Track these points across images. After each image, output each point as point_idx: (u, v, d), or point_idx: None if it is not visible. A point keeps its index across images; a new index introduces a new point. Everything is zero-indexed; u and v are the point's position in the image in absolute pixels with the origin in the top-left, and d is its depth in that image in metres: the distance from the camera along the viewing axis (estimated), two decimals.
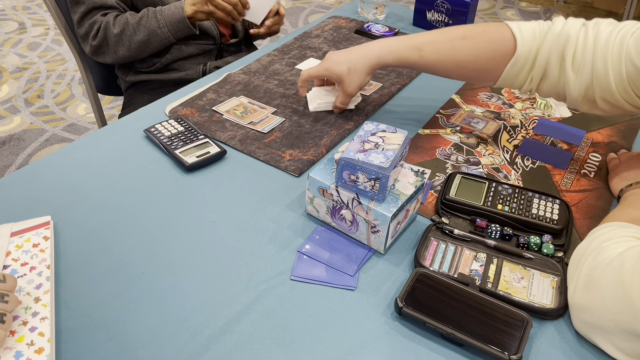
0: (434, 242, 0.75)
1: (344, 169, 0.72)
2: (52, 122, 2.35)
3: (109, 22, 1.22)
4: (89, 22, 1.23)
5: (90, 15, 1.23)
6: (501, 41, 0.84)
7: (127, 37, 1.22)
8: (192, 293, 0.68)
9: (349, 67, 0.94)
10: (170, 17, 1.22)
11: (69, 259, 0.71)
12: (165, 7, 1.23)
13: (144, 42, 1.23)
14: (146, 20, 1.21)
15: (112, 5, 1.23)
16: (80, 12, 1.22)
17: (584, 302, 0.62)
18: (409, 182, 0.75)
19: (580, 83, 0.80)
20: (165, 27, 1.22)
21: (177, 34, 1.24)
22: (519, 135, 1.00)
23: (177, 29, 1.23)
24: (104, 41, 1.24)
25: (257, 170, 0.89)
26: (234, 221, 0.79)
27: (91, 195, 0.82)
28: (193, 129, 0.94)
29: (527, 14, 3.59)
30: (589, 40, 0.78)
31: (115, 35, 1.22)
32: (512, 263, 0.73)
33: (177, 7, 1.22)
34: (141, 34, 1.22)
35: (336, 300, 0.68)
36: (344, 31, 1.37)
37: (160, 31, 1.22)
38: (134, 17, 1.22)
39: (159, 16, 1.21)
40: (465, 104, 1.09)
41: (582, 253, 0.66)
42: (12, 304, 0.58)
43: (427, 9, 1.36)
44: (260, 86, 1.11)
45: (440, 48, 0.87)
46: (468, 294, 0.66)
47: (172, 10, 1.22)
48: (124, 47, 1.24)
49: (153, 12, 1.22)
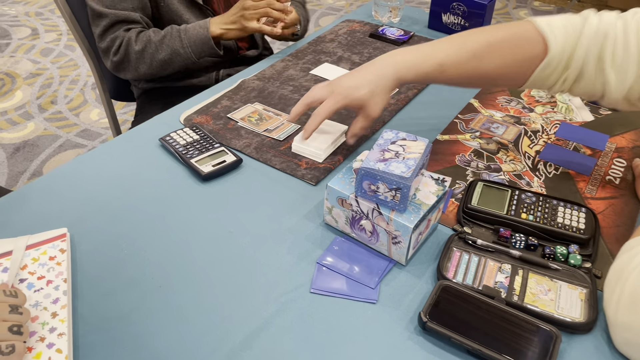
0: (457, 252, 0.73)
1: (364, 179, 0.70)
2: (66, 127, 2.36)
3: (131, 39, 1.18)
4: (111, 37, 1.19)
5: (113, 29, 1.19)
6: (530, 44, 0.78)
7: (149, 55, 1.19)
8: (210, 306, 0.66)
9: (371, 90, 0.83)
10: (195, 37, 1.17)
11: (85, 271, 0.70)
12: (190, 27, 1.18)
13: (166, 61, 1.20)
14: (169, 39, 1.18)
15: (136, 19, 1.20)
16: (102, 25, 1.19)
17: (629, 321, 0.59)
18: (430, 191, 0.74)
19: (622, 83, 0.74)
20: (189, 48, 1.18)
21: (200, 54, 1.20)
22: (541, 140, 0.98)
23: (201, 49, 1.19)
24: (125, 57, 1.20)
25: (273, 178, 0.88)
26: (252, 232, 0.77)
27: (107, 206, 0.81)
28: (208, 137, 0.93)
29: (540, 13, 3.55)
30: (630, 35, 0.72)
31: (137, 52, 1.18)
32: (538, 274, 0.70)
33: (202, 27, 1.18)
34: (163, 53, 1.18)
35: (357, 314, 0.66)
36: (358, 35, 1.35)
37: (184, 51, 1.18)
38: (157, 34, 1.19)
39: (183, 36, 1.17)
40: (484, 108, 1.07)
41: (622, 268, 0.62)
42: (27, 316, 0.57)
43: (443, 12, 1.34)
44: (275, 92, 1.10)
45: (463, 61, 0.80)
46: (494, 308, 0.64)
47: (196, 30, 1.18)
48: (145, 65, 1.20)
49: (177, 30, 1.18)
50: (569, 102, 1.09)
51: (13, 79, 2.71)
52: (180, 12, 1.23)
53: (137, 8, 1.20)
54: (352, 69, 1.19)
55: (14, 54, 2.94)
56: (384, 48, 1.29)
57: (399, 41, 1.30)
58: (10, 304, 0.56)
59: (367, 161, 0.70)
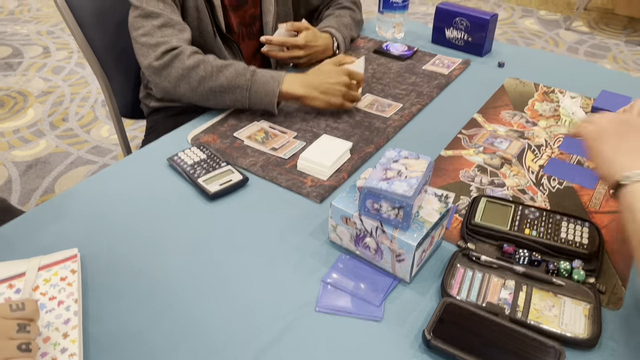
0: (461, 269, 0.74)
1: (367, 198, 0.71)
2: (77, 144, 2.40)
3: (184, 51, 1.06)
4: (159, 39, 1.07)
5: (163, 32, 1.08)
6: None
7: (199, 77, 1.05)
8: (219, 325, 0.68)
9: None
10: (262, 81, 1.05)
11: (96, 291, 0.72)
12: (260, 70, 1.07)
13: (216, 91, 1.05)
14: (232, 71, 1.05)
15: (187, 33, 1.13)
16: (152, 24, 1.08)
17: None
18: (433, 208, 0.74)
19: None
20: (247, 91, 1.05)
21: (255, 104, 1.07)
22: (544, 154, 0.98)
23: (260, 100, 1.06)
24: (169, 66, 1.06)
25: (279, 196, 0.89)
26: (258, 250, 0.79)
27: (116, 226, 0.83)
28: (215, 156, 0.95)
29: (546, 22, 3.56)
30: None
31: (186, 67, 1.05)
32: (542, 290, 0.71)
33: (274, 78, 1.05)
34: (219, 81, 1.04)
35: (362, 332, 0.67)
36: (362, 51, 1.37)
37: (240, 92, 1.05)
38: (216, 60, 1.07)
39: (249, 76, 1.05)
40: (488, 123, 1.08)
41: None
42: (35, 332, 0.58)
43: (446, 27, 1.36)
44: (281, 110, 1.11)
45: None
46: (498, 325, 0.65)
47: (267, 78, 1.05)
48: (188, 86, 1.06)
49: (244, 68, 1.06)
50: (573, 116, 1.10)
51: (25, 98, 2.75)
52: (220, 46, 1.22)
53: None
54: None
55: (26, 72, 2.99)
56: (388, 64, 1.30)
57: (403, 57, 1.32)
58: (19, 319, 0.57)
59: (370, 180, 0.71)
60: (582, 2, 3.50)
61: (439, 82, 1.22)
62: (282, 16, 1.35)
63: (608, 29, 3.47)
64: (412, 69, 1.28)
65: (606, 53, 3.15)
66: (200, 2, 1.19)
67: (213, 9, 1.19)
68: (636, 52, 3.16)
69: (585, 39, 3.33)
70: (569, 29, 3.45)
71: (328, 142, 0.98)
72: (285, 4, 1.35)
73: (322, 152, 0.95)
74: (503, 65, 1.30)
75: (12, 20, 3.63)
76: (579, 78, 1.24)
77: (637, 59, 3.09)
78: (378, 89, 1.20)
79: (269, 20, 1.31)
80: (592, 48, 3.21)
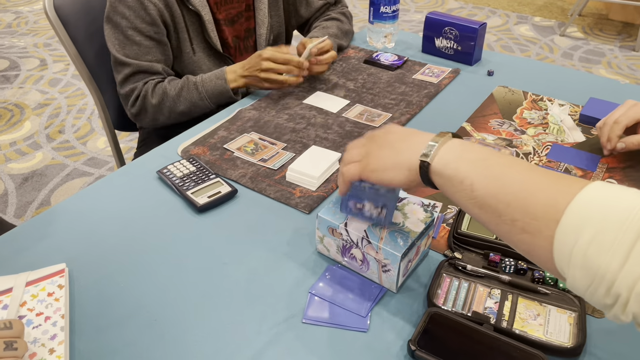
0: (447, 279, 0.74)
1: (350, 198, 0.72)
2: (73, 156, 2.41)
3: (148, 92, 1.19)
4: (131, 87, 1.20)
5: (133, 79, 1.20)
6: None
7: (167, 108, 1.20)
8: (204, 339, 0.68)
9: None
10: (213, 89, 1.18)
11: (83, 306, 0.72)
12: (206, 78, 1.19)
13: (185, 113, 1.21)
14: (187, 92, 1.18)
15: (157, 71, 1.21)
16: (124, 73, 1.20)
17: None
18: (418, 218, 0.75)
19: None
20: (208, 100, 1.19)
21: (219, 103, 1.21)
22: (532, 162, 0.99)
23: (219, 99, 1.20)
24: (143, 109, 1.22)
25: (268, 208, 0.89)
26: (245, 262, 0.79)
27: (105, 240, 0.83)
28: (204, 168, 0.95)
29: (541, 28, 3.57)
30: None
31: (154, 105, 1.20)
32: (528, 299, 0.71)
33: (219, 77, 1.18)
34: (182, 106, 1.19)
35: (348, 343, 0.67)
36: (353, 61, 1.38)
37: (202, 103, 1.19)
38: (173, 87, 1.19)
39: (201, 89, 1.18)
40: (477, 131, 1.09)
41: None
42: (22, 350, 0.58)
43: (436, 36, 1.37)
44: (271, 121, 1.12)
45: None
46: (482, 334, 0.65)
47: (214, 81, 1.18)
48: (164, 116, 1.22)
49: (194, 83, 1.19)
50: (561, 123, 1.11)
51: (22, 110, 2.77)
52: (200, 62, 1.25)
53: (160, 60, 1.21)
54: (347, 95, 1.21)
55: (23, 85, 3.01)
56: (379, 74, 1.31)
57: (393, 66, 1.33)
58: (5, 337, 0.58)
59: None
60: (577, 8, 3.52)
61: (429, 92, 1.23)
62: (275, 28, 1.36)
63: (602, 34, 3.48)
64: (402, 79, 1.29)
65: (601, 58, 3.17)
66: (189, 21, 1.20)
67: (203, 25, 1.21)
68: (630, 57, 3.18)
69: (580, 44, 3.35)
70: (564, 35, 3.46)
71: (317, 153, 0.98)
72: (277, 16, 1.36)
73: (311, 163, 0.95)
74: (492, 73, 1.30)
75: (9, 33, 3.65)
76: (568, 86, 1.25)
77: (632, 64, 3.11)
78: (368, 98, 1.21)
79: (262, 32, 1.32)
80: (587, 54, 3.23)
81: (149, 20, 1.15)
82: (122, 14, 1.15)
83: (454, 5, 4.02)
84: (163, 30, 1.18)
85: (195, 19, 1.21)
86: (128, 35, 1.17)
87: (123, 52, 1.19)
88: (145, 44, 1.18)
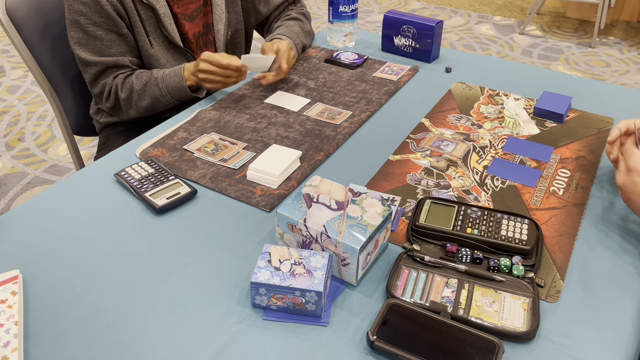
0: (405, 270, 0.76)
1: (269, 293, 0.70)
2: (34, 164, 2.35)
3: (117, 86, 1.21)
4: (102, 83, 1.22)
5: (103, 76, 1.21)
6: None
7: (134, 103, 1.22)
8: (163, 339, 0.67)
9: None
10: (172, 85, 1.20)
11: (38, 312, 0.71)
12: (167, 74, 1.20)
13: (150, 107, 1.23)
14: (150, 88, 1.20)
15: (124, 64, 1.21)
16: (92, 73, 1.20)
17: None
18: (376, 212, 0.76)
19: None
20: (169, 95, 1.20)
21: (181, 99, 1.22)
22: (489, 155, 1.01)
23: (180, 96, 1.21)
24: (116, 104, 1.24)
25: (228, 207, 0.89)
26: (206, 262, 0.79)
27: (61, 245, 0.82)
28: (163, 169, 0.94)
29: (501, 27, 3.65)
30: None
31: (123, 100, 1.22)
32: (484, 287, 0.73)
33: (177, 75, 1.20)
34: (146, 101, 1.21)
35: (309, 338, 0.68)
36: (314, 61, 1.38)
37: (164, 98, 1.21)
38: (139, 81, 1.21)
39: (161, 85, 1.20)
40: (435, 127, 1.10)
41: None
42: None
43: (394, 35, 1.38)
44: (231, 122, 1.12)
45: None
46: (439, 323, 0.66)
47: (172, 78, 1.20)
48: (133, 110, 1.24)
49: (155, 79, 1.20)
50: (516, 117, 1.13)
51: None
52: (158, 56, 1.25)
53: (126, 52, 1.22)
54: (308, 94, 1.22)
55: None
56: (339, 72, 1.32)
57: (354, 65, 1.34)
58: None
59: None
60: (535, 7, 3.61)
61: (388, 89, 1.24)
62: (233, 24, 1.36)
63: (560, 32, 3.58)
64: (362, 77, 1.30)
65: (559, 55, 3.26)
66: (145, 15, 1.19)
67: (159, 18, 1.20)
68: (587, 54, 3.28)
69: (539, 42, 3.43)
70: (523, 33, 3.55)
71: (277, 152, 0.99)
72: (235, 12, 1.36)
73: (271, 161, 0.95)
74: (450, 70, 1.33)
75: None
76: (523, 81, 1.28)
77: (588, 60, 3.20)
78: (329, 97, 1.21)
79: (220, 28, 1.32)
80: (546, 51, 3.31)
81: (105, 14, 1.15)
82: (79, 11, 1.15)
83: (416, 6, 4.07)
84: (121, 23, 1.18)
85: (151, 13, 1.20)
86: (89, 32, 1.16)
87: (88, 50, 1.18)
88: (107, 38, 1.18)
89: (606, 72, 3.06)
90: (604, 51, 3.31)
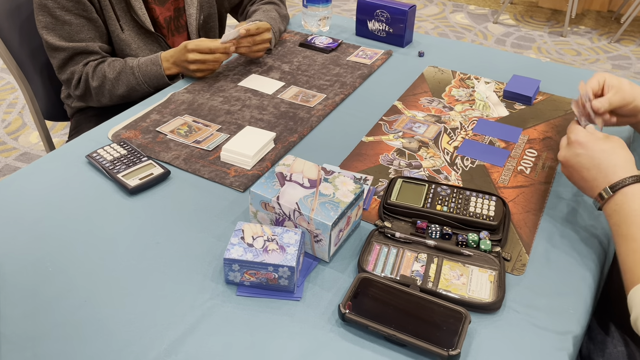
0: (377, 246, 0.77)
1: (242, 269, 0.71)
2: (4, 152, 2.30)
3: (88, 74, 1.19)
4: (70, 70, 1.20)
5: (71, 63, 1.19)
6: None
7: (108, 91, 1.20)
8: (135, 316, 0.67)
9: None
10: (149, 74, 1.18)
11: (9, 293, 0.70)
12: (142, 63, 1.19)
13: (125, 96, 1.21)
14: (125, 77, 1.19)
15: (94, 50, 1.19)
16: (60, 58, 1.18)
17: None
18: (348, 190, 0.77)
19: None
20: (145, 84, 1.19)
21: (157, 87, 1.21)
22: (459, 136, 1.03)
23: (157, 84, 1.20)
24: (87, 91, 1.22)
25: (202, 188, 0.89)
26: (179, 242, 0.79)
27: (33, 226, 0.81)
28: (136, 151, 0.94)
29: (475, 16, 3.69)
30: None
31: (95, 88, 1.20)
32: (452, 261, 0.75)
33: (154, 63, 1.18)
34: (121, 89, 1.20)
35: (282, 312, 0.69)
36: (288, 45, 1.38)
37: (140, 87, 1.20)
38: (112, 69, 1.19)
39: (137, 73, 1.18)
40: (407, 109, 1.12)
41: None
42: None
43: (368, 19, 1.39)
44: (205, 104, 1.12)
45: None
46: (409, 295, 0.68)
47: (149, 67, 1.19)
48: (106, 98, 1.22)
49: (130, 68, 1.19)
50: (486, 100, 1.16)
51: None
52: (129, 41, 1.23)
53: (95, 38, 1.20)
54: (282, 77, 1.22)
55: None
56: (314, 56, 1.32)
57: (328, 49, 1.35)
58: None
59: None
60: None
61: (362, 73, 1.25)
62: (205, 8, 1.35)
63: (533, 21, 3.64)
64: (337, 61, 1.31)
65: (531, 44, 3.31)
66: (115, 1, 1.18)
67: (128, 3, 1.19)
68: (559, 43, 3.34)
69: (512, 31, 3.48)
70: (497, 22, 3.59)
71: (251, 133, 0.99)
72: None
73: (245, 142, 0.96)
74: (423, 54, 1.35)
75: None
76: (494, 65, 1.31)
77: (560, 48, 3.26)
78: (303, 80, 1.22)
79: (192, 12, 1.31)
80: (519, 40, 3.36)
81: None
82: None
83: None
84: (90, 7, 1.16)
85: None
86: (57, 16, 1.14)
87: (56, 35, 1.16)
88: (76, 22, 1.16)
89: (577, 60, 3.13)
90: (575, 40, 3.37)
